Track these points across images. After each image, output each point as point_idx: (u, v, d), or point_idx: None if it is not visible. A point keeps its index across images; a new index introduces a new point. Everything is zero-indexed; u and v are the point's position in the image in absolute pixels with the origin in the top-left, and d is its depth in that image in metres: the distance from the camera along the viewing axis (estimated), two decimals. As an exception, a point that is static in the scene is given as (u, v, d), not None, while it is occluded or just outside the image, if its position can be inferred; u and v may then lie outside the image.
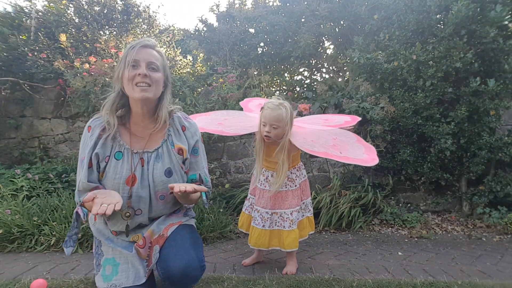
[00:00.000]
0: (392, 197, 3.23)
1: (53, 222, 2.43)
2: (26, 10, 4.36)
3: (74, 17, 4.46)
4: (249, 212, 2.11)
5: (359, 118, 2.30)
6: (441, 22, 3.00)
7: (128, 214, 1.41)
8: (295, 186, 1.99)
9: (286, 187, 1.98)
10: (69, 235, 1.45)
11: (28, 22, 4.25)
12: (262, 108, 1.87)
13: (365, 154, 1.89)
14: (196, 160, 1.57)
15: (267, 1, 5.10)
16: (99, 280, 1.44)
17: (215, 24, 5.03)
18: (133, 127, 1.48)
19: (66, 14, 4.40)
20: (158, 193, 1.46)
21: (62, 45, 3.90)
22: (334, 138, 1.95)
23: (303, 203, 2.06)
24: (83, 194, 1.38)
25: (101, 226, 1.53)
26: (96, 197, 1.27)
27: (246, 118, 2.16)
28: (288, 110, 1.80)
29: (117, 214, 1.43)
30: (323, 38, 4.58)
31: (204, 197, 1.54)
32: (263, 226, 1.96)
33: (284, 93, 4.45)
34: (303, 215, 2.06)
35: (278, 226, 1.97)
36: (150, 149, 1.46)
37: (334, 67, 4.91)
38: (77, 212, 1.41)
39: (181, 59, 4.71)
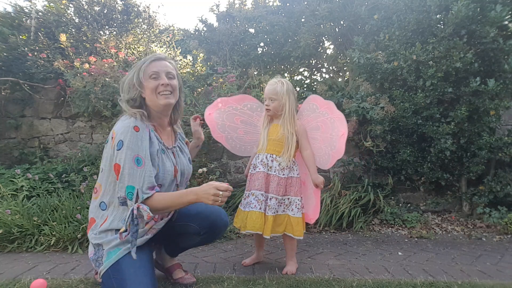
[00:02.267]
0: (392, 197, 3.23)
1: (53, 222, 2.43)
2: (26, 10, 4.36)
3: (74, 17, 4.46)
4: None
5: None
6: (441, 22, 3.00)
7: None
8: (283, 175, 1.97)
9: (274, 172, 1.96)
10: (131, 233, 1.43)
11: (28, 22, 4.25)
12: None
13: (310, 210, 2.12)
14: None
15: (267, 1, 5.10)
16: (103, 268, 1.48)
17: (215, 24, 5.02)
18: (157, 128, 1.64)
19: (66, 14, 4.40)
20: (185, 181, 1.73)
21: (62, 45, 3.90)
22: (304, 176, 2.16)
23: (288, 198, 1.99)
24: (147, 190, 1.44)
25: (102, 232, 1.54)
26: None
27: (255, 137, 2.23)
28: (284, 85, 1.99)
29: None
30: (323, 38, 4.57)
31: None
32: (260, 208, 1.92)
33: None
34: (283, 211, 1.98)
35: (262, 210, 1.94)
36: (175, 145, 1.70)
37: (334, 67, 4.91)
38: (137, 208, 1.40)
39: (181, 59, 4.71)
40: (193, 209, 1.66)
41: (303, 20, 4.41)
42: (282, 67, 5.01)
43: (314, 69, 5.02)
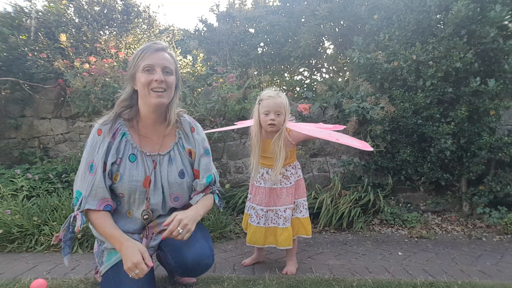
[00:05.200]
0: (392, 197, 3.23)
1: (53, 222, 2.44)
2: (26, 10, 4.36)
3: (74, 17, 4.46)
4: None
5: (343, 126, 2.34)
6: (441, 22, 3.00)
7: (146, 216, 1.49)
8: (290, 183, 1.99)
9: (281, 184, 1.98)
10: (64, 240, 1.43)
11: (28, 22, 4.25)
12: (259, 100, 1.93)
13: (359, 144, 2.04)
14: (209, 160, 1.61)
15: (267, 1, 5.10)
16: (103, 268, 1.46)
17: (215, 24, 5.03)
18: (142, 130, 1.50)
19: (66, 14, 4.40)
20: (173, 195, 1.53)
21: (62, 45, 3.90)
22: (329, 134, 2.07)
23: (294, 202, 2.03)
24: (93, 200, 1.38)
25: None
26: (121, 248, 1.33)
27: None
28: (285, 98, 1.94)
29: (133, 218, 1.50)
30: (323, 38, 4.58)
31: (217, 200, 1.61)
32: (258, 223, 1.97)
33: (284, 93, 4.47)
34: (292, 215, 2.02)
35: (273, 223, 1.98)
36: (162, 152, 1.50)
37: (334, 67, 4.92)
38: (74, 216, 1.39)
39: (181, 59, 4.71)
40: (178, 241, 1.43)
41: (303, 20, 4.41)
42: (282, 67, 5.02)
43: (314, 69, 5.03)
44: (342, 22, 4.27)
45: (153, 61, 1.38)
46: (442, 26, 2.98)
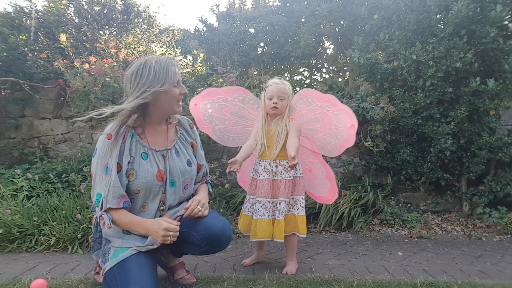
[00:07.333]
0: (392, 197, 3.23)
1: (53, 222, 2.43)
2: (26, 10, 4.36)
3: (74, 17, 4.46)
4: (251, 213, 2.09)
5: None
6: (441, 22, 3.00)
7: (162, 208, 1.62)
8: (290, 177, 1.99)
9: (281, 176, 1.98)
10: (93, 239, 1.59)
11: (28, 22, 4.25)
12: (265, 87, 2.05)
13: (326, 193, 2.21)
14: (203, 153, 1.85)
15: (267, 1, 5.10)
16: (108, 265, 1.50)
17: (215, 24, 5.02)
18: (148, 131, 1.63)
19: (66, 14, 4.40)
20: (184, 183, 1.69)
21: (62, 45, 3.90)
22: (309, 164, 2.20)
23: (292, 198, 2.03)
24: (112, 199, 1.48)
25: (110, 231, 1.59)
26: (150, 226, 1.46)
27: (248, 124, 2.22)
28: (289, 85, 2.06)
29: (147, 211, 1.60)
30: (323, 38, 4.58)
31: (210, 189, 1.86)
32: (268, 216, 1.96)
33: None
34: (289, 211, 2.02)
35: (273, 215, 1.99)
36: (169, 147, 1.67)
37: (334, 67, 4.92)
38: (100, 216, 1.49)
39: (181, 59, 4.71)
40: (199, 219, 1.60)
41: (303, 20, 4.41)
42: (282, 67, 5.02)
43: (314, 69, 5.02)
44: (342, 22, 4.27)
45: (179, 77, 1.58)
46: (442, 26, 2.98)
